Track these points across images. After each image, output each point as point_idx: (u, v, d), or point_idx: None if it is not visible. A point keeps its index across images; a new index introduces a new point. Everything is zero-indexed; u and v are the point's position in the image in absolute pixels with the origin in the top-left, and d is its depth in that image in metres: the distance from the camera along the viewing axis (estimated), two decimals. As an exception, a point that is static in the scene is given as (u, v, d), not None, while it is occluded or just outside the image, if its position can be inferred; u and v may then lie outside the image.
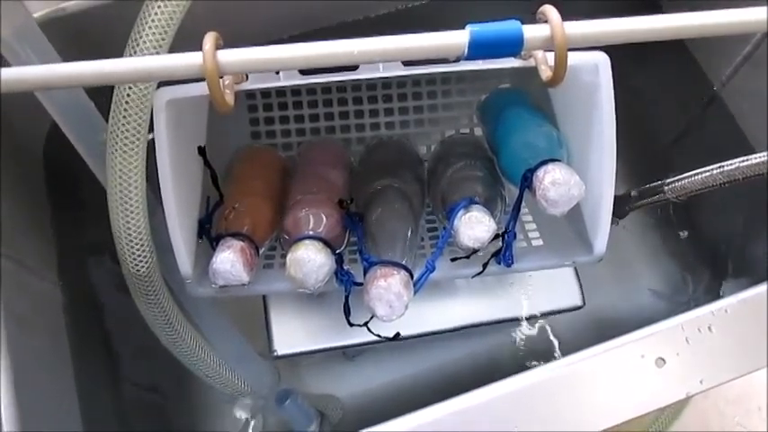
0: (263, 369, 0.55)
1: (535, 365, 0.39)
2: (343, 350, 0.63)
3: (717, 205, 0.62)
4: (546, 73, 0.38)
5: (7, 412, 0.36)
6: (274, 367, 0.56)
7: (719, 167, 0.46)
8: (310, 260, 0.43)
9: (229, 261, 0.44)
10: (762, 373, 0.76)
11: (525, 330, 0.62)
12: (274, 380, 0.55)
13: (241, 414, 0.58)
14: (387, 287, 0.41)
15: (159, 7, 0.41)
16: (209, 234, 0.48)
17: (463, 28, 0.34)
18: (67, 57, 0.38)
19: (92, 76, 0.34)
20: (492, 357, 0.62)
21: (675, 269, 0.67)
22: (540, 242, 0.53)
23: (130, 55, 0.42)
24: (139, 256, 0.44)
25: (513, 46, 0.34)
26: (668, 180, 0.49)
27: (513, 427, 0.35)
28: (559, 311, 0.57)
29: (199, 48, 0.32)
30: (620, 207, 0.52)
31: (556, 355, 0.61)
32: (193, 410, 0.60)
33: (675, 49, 0.59)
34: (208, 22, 0.37)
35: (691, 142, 0.62)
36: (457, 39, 0.34)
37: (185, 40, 0.40)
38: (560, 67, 0.35)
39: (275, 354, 0.54)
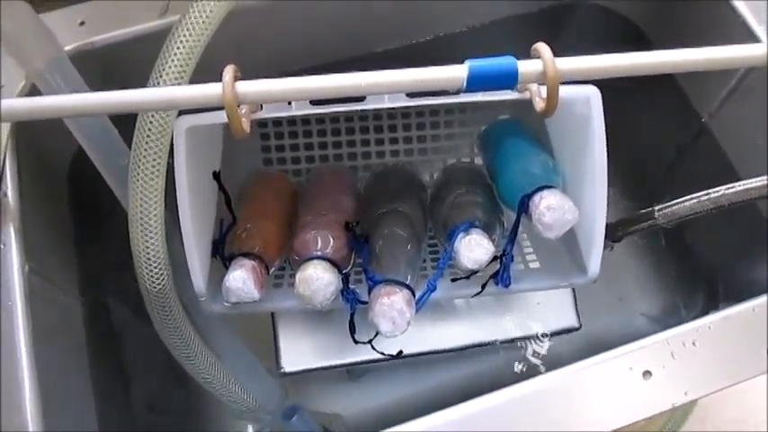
0: (271, 385, 0.56)
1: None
2: (348, 370, 0.65)
3: (709, 232, 0.64)
4: (539, 105, 0.40)
5: (32, 416, 0.38)
6: (282, 384, 0.58)
7: (706, 194, 0.48)
8: (318, 278, 0.45)
9: (241, 279, 0.46)
10: (760, 395, 0.77)
11: (524, 351, 0.64)
12: (282, 396, 0.57)
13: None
14: (390, 304, 0.44)
15: (181, 41, 0.44)
16: (222, 254, 0.50)
17: (463, 63, 0.36)
18: (95, 87, 0.41)
19: (118, 105, 0.36)
20: (492, 377, 0.64)
21: (669, 294, 0.69)
22: (537, 265, 0.55)
23: (154, 85, 0.44)
24: (156, 274, 0.46)
25: (509, 80, 0.37)
26: (659, 207, 0.51)
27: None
28: (556, 333, 0.59)
29: (216, 78, 0.35)
30: (614, 232, 0.54)
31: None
32: (202, 425, 0.62)
33: (666, 84, 0.61)
34: (226, 54, 0.40)
35: (681, 171, 0.65)
36: (456, 73, 0.36)
37: (204, 70, 0.44)
38: (552, 99, 0.37)
39: (282, 371, 0.56)
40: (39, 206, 0.49)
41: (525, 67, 0.36)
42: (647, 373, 0.39)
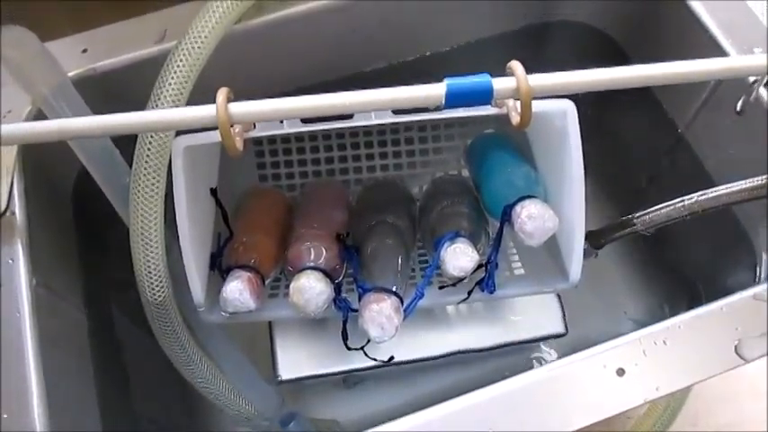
0: (268, 393, 0.58)
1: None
2: (343, 379, 0.67)
3: (690, 238, 0.66)
4: (515, 119, 0.43)
5: (40, 420, 0.40)
6: (279, 391, 0.60)
7: (681, 201, 0.50)
8: (311, 288, 0.47)
9: (238, 290, 0.48)
10: (754, 400, 0.79)
11: (515, 356, 0.66)
12: (279, 403, 0.59)
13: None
14: (378, 311, 0.46)
15: (178, 66, 0.47)
16: (219, 266, 0.52)
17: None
18: (98, 110, 0.43)
19: (119, 127, 0.39)
20: (487, 383, 0.66)
21: (654, 298, 0.71)
22: (522, 272, 0.57)
23: (153, 108, 0.47)
24: (157, 286, 0.49)
25: (485, 96, 0.39)
26: (637, 214, 0.53)
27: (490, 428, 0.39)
28: (544, 338, 0.61)
29: (211, 99, 0.37)
30: (596, 240, 0.56)
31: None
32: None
33: (644, 96, 0.64)
34: (220, 77, 0.42)
35: (660, 179, 0.67)
36: (436, 90, 0.38)
37: (200, 92, 0.46)
38: (525, 113, 0.39)
39: (280, 378, 0.58)
40: (45, 223, 0.51)
41: (500, 84, 0.38)
42: (620, 371, 0.41)
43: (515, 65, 0.39)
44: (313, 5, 0.57)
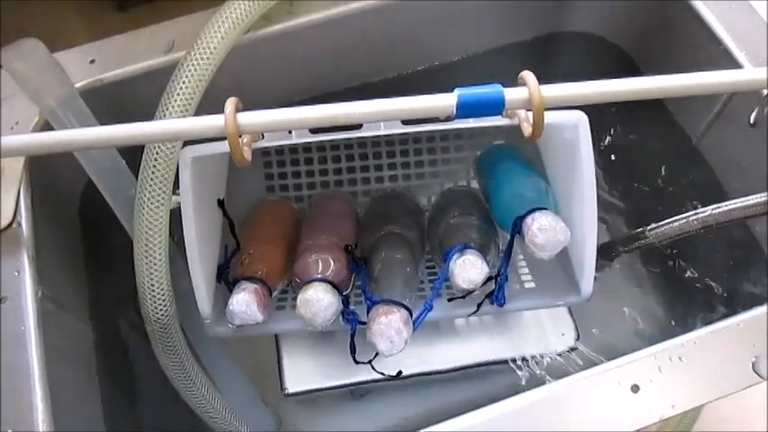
0: (265, 414, 0.57)
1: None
2: (351, 391, 0.66)
3: (706, 251, 0.65)
4: (527, 130, 0.42)
5: (44, 432, 0.40)
6: (276, 413, 0.59)
7: (694, 214, 0.49)
8: (319, 300, 0.47)
9: (245, 302, 0.48)
10: (761, 418, 0.77)
11: (525, 370, 0.65)
12: (276, 426, 0.58)
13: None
14: (387, 323, 0.45)
15: (186, 76, 0.47)
16: (226, 278, 0.52)
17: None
18: (105, 120, 0.43)
19: (127, 137, 0.39)
20: (497, 397, 0.65)
21: (669, 313, 0.70)
22: (533, 285, 0.56)
23: (161, 118, 0.47)
24: (159, 302, 0.48)
25: (496, 106, 0.39)
26: (650, 226, 0.52)
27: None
28: (557, 352, 0.60)
29: (219, 109, 0.37)
30: (609, 252, 0.56)
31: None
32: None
33: (657, 109, 0.63)
34: (228, 88, 0.42)
35: (673, 191, 0.66)
36: (446, 101, 0.38)
37: (208, 102, 0.46)
38: (538, 124, 0.39)
39: (286, 391, 0.57)
40: (51, 235, 0.51)
41: (511, 94, 0.38)
42: (635, 387, 0.41)
43: (527, 75, 0.39)
44: (321, 16, 0.57)
